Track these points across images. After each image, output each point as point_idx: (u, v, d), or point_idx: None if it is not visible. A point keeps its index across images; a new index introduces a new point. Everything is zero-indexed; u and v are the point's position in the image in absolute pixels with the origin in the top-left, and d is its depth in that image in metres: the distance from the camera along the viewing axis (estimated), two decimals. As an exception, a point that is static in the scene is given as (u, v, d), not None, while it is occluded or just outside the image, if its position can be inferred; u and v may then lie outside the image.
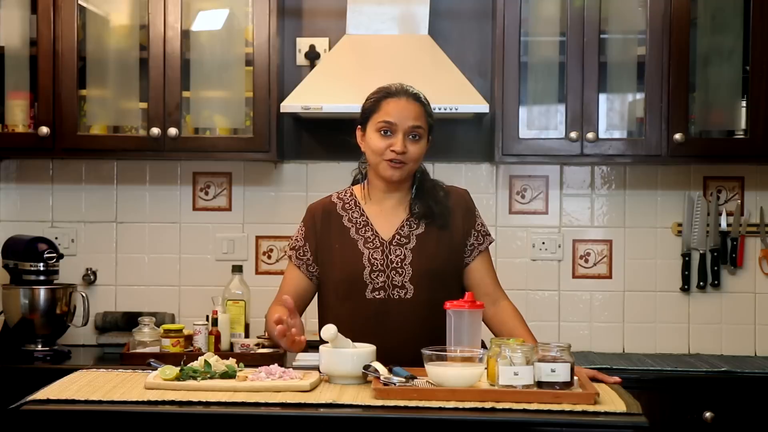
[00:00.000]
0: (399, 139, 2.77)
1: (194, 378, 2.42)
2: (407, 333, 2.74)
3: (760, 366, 3.79)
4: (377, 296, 2.80)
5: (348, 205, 2.90)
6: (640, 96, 3.90)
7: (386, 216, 2.87)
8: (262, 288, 4.01)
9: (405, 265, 2.81)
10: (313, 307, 2.96)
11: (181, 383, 2.39)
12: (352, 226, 2.86)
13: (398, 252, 2.82)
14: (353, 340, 2.57)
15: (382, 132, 2.79)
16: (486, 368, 2.40)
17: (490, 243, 2.95)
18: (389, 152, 2.77)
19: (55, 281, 3.91)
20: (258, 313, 3.96)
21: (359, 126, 2.87)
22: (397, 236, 2.84)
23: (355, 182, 2.98)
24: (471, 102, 3.78)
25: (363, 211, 2.88)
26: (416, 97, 2.83)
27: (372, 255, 2.81)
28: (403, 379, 2.38)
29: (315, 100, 3.78)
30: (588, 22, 3.84)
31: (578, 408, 2.24)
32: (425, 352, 2.40)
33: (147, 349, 3.73)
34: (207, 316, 3.82)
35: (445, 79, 3.82)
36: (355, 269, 2.81)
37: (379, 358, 2.51)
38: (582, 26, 3.84)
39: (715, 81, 3.88)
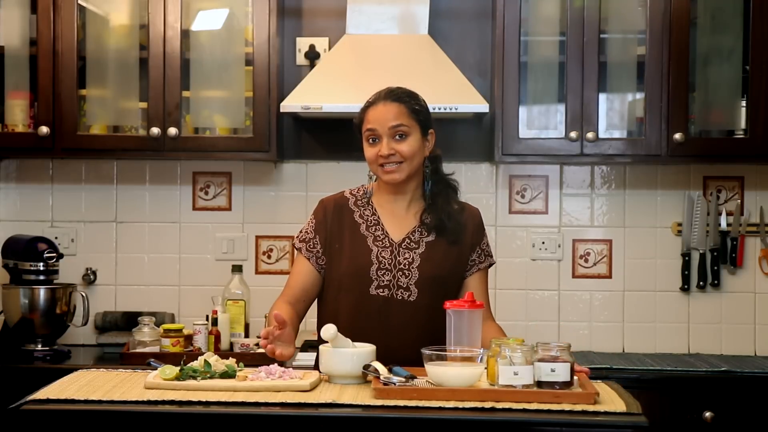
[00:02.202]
0: (384, 143, 2.79)
1: (194, 378, 2.42)
2: (407, 335, 2.74)
3: (760, 366, 3.79)
4: (381, 293, 2.80)
5: (360, 202, 2.91)
6: (640, 96, 3.90)
7: (397, 219, 2.87)
8: (262, 288, 4.01)
9: (412, 268, 2.81)
10: (312, 305, 2.96)
11: (181, 383, 2.39)
12: (363, 223, 2.87)
13: (407, 255, 2.82)
14: (353, 335, 2.57)
15: (370, 141, 2.82)
16: (486, 368, 2.40)
17: (490, 265, 2.95)
18: (379, 158, 2.80)
19: (55, 281, 3.91)
20: (258, 312, 3.97)
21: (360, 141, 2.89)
22: (407, 240, 2.84)
23: None
24: (471, 102, 3.77)
25: (375, 210, 2.89)
26: (395, 97, 2.83)
27: (380, 253, 2.82)
28: (403, 379, 2.38)
29: (315, 99, 3.78)
30: (588, 22, 3.84)
31: (578, 408, 2.24)
32: (425, 351, 2.40)
33: (147, 349, 3.73)
34: (207, 316, 3.82)
35: (445, 79, 3.82)
36: (363, 264, 2.81)
37: (378, 356, 2.51)
38: (582, 26, 3.84)
39: (715, 81, 3.88)
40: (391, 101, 2.82)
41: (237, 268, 3.96)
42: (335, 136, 4.11)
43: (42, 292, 3.84)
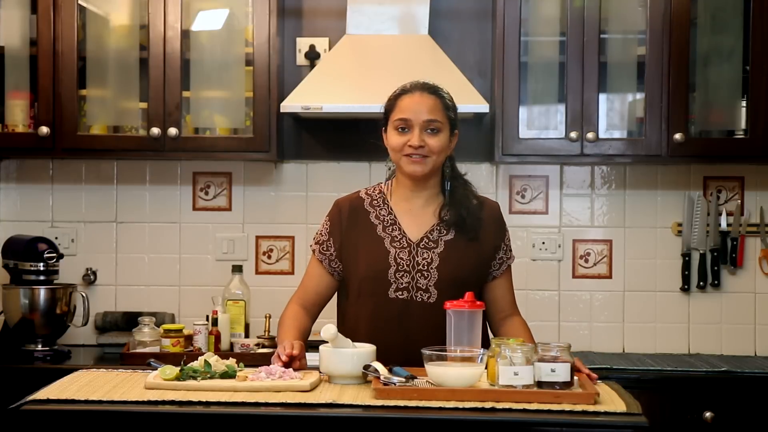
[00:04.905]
0: (415, 134, 2.76)
1: (194, 378, 2.42)
2: (426, 337, 2.67)
3: (760, 366, 3.79)
4: (400, 296, 2.78)
5: (376, 201, 2.88)
6: (640, 96, 3.90)
7: (415, 216, 2.85)
8: (262, 288, 4.02)
9: (431, 268, 2.79)
10: (327, 307, 2.96)
11: (181, 383, 2.40)
12: (380, 224, 2.84)
13: (425, 255, 2.80)
14: (373, 340, 2.57)
15: (400, 129, 2.79)
16: (486, 368, 2.40)
17: (513, 260, 2.95)
18: (407, 148, 2.77)
19: (55, 281, 3.91)
20: (258, 313, 3.97)
21: (383, 128, 2.86)
22: (426, 239, 2.82)
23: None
24: (471, 102, 3.77)
25: (391, 209, 2.86)
26: (432, 91, 2.82)
27: (398, 254, 2.80)
28: (403, 379, 2.38)
29: (315, 100, 3.78)
30: (588, 22, 3.84)
31: (578, 408, 2.24)
32: (425, 352, 2.39)
33: (147, 349, 3.73)
34: (207, 316, 3.82)
35: (445, 79, 3.78)
36: (381, 267, 2.79)
37: (397, 358, 2.50)
38: (582, 26, 3.84)
39: (715, 81, 3.88)
40: (429, 93, 2.81)
41: (237, 269, 3.96)
42: (335, 136, 4.11)
43: (42, 293, 3.84)
